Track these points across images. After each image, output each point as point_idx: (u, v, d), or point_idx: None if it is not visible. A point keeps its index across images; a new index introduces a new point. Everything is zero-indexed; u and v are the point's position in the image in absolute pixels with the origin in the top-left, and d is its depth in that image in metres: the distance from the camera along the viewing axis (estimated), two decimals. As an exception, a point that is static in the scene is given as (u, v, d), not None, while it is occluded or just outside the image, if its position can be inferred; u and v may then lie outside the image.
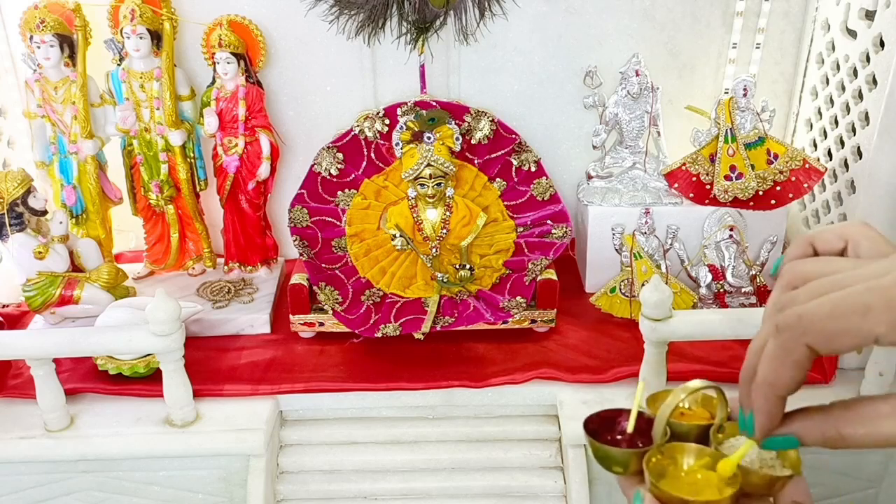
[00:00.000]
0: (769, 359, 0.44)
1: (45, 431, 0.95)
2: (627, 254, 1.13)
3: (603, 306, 1.14)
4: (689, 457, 0.52)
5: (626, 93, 1.14)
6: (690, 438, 0.54)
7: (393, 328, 1.05)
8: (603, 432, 0.56)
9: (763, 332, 0.46)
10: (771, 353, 0.44)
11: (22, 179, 1.03)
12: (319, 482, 0.98)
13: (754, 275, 1.14)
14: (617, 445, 0.54)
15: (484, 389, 1.01)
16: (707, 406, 0.57)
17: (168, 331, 0.89)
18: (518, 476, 0.97)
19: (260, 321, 1.12)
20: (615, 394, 0.99)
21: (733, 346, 1.03)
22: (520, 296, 1.07)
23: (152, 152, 1.16)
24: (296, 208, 1.12)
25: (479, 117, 1.10)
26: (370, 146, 1.12)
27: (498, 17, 1.13)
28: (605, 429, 0.56)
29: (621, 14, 1.16)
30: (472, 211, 1.09)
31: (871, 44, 0.96)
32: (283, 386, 1.01)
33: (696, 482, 0.50)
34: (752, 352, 0.46)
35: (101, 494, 0.97)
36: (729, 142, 1.11)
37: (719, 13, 1.15)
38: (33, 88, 1.11)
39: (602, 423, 0.56)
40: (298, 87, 1.20)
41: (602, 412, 0.57)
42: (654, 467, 0.51)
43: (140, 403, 0.99)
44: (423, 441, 1.01)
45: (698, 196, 1.14)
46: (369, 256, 1.11)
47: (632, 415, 0.55)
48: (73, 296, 1.08)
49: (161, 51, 1.12)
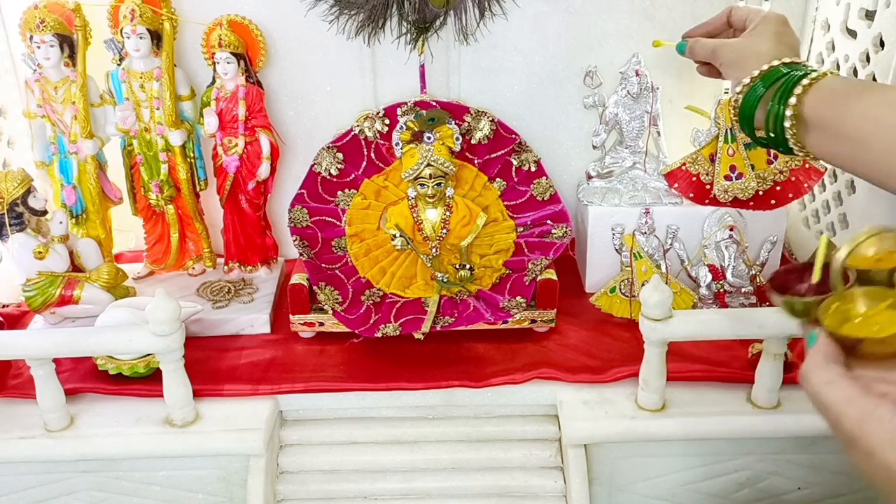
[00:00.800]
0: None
1: (45, 431, 0.95)
2: (627, 254, 1.13)
3: (603, 306, 1.14)
4: (874, 300, 0.52)
5: (626, 93, 1.14)
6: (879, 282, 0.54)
7: (393, 328, 1.05)
8: (792, 284, 0.57)
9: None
10: None
11: (22, 179, 1.03)
12: (319, 482, 0.98)
13: (754, 275, 1.14)
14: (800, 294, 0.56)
15: (484, 389, 1.01)
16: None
17: (168, 331, 0.89)
18: (518, 476, 0.98)
19: (260, 321, 1.12)
20: (615, 394, 0.99)
21: (733, 346, 1.03)
22: (520, 296, 1.07)
23: (152, 152, 1.16)
24: (296, 208, 1.12)
25: (479, 117, 1.10)
26: (370, 146, 1.12)
27: (498, 17, 1.13)
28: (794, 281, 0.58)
29: (621, 14, 1.16)
30: (472, 211, 1.09)
31: (871, 44, 0.96)
32: (283, 386, 1.01)
33: (877, 323, 0.51)
34: None
35: (101, 494, 0.97)
36: (729, 142, 1.11)
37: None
38: (33, 88, 1.11)
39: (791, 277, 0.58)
40: (298, 87, 1.20)
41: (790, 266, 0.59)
42: (835, 312, 0.51)
43: (140, 403, 0.99)
44: (423, 441, 1.01)
45: (698, 196, 1.14)
46: (369, 256, 1.11)
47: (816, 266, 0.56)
48: (73, 296, 1.08)
49: (161, 51, 1.12)
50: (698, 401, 0.97)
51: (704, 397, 0.98)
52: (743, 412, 0.95)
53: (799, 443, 0.96)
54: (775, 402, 0.95)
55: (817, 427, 0.94)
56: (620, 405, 0.97)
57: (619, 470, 0.97)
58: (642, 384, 0.95)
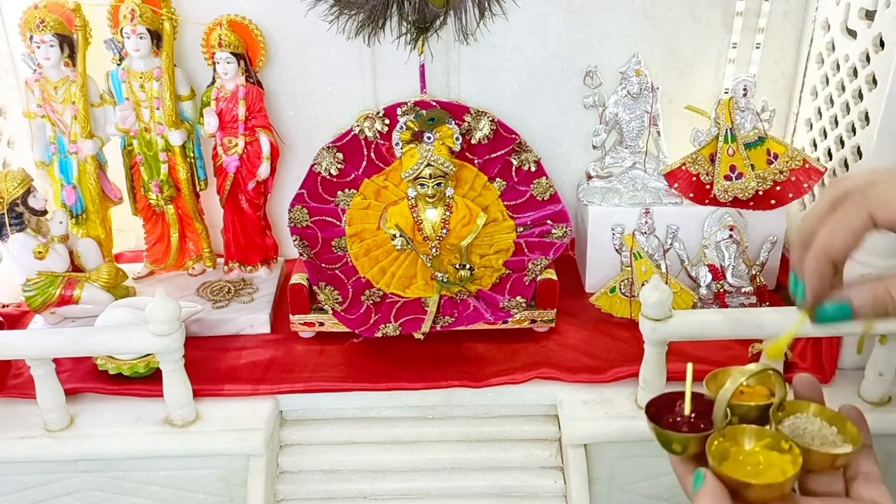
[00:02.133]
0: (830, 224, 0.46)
1: (45, 431, 0.95)
2: (627, 254, 1.13)
3: (603, 306, 1.14)
4: (751, 438, 0.52)
5: (626, 93, 1.14)
6: (751, 418, 0.54)
7: (393, 328, 1.05)
8: (664, 414, 0.56)
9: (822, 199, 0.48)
10: (832, 220, 0.46)
11: (22, 179, 1.03)
12: (319, 482, 0.98)
13: (754, 275, 1.14)
14: (676, 427, 0.54)
15: (484, 389, 1.01)
16: (766, 383, 0.57)
17: (168, 331, 0.89)
18: (518, 476, 0.98)
19: (260, 321, 1.12)
20: (615, 394, 0.99)
21: (733, 346, 1.03)
22: (520, 296, 1.07)
23: (152, 152, 1.16)
24: (296, 208, 1.12)
25: (479, 117, 1.10)
26: (370, 146, 1.12)
27: (498, 17, 1.13)
28: (665, 410, 0.56)
29: (621, 14, 1.16)
30: (472, 211, 1.09)
31: (871, 44, 0.96)
32: (283, 386, 1.01)
33: (758, 463, 0.50)
34: (808, 218, 0.48)
35: (101, 494, 0.97)
36: (729, 142, 1.11)
37: (719, 13, 1.15)
38: (33, 88, 1.11)
39: (662, 405, 0.57)
40: (298, 87, 1.20)
41: (662, 395, 0.58)
42: (717, 450, 0.51)
43: (140, 403, 0.99)
44: (423, 441, 1.01)
45: (698, 196, 1.14)
46: (369, 256, 1.11)
47: (686, 397, 0.55)
48: (73, 296, 1.08)
49: (161, 51, 1.12)
50: (698, 401, 0.97)
51: (704, 397, 0.98)
52: (743, 412, 0.95)
53: (799, 443, 0.96)
54: (775, 402, 0.95)
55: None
56: (620, 405, 0.97)
57: (619, 470, 0.97)
58: (642, 384, 0.95)
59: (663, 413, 0.56)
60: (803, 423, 0.54)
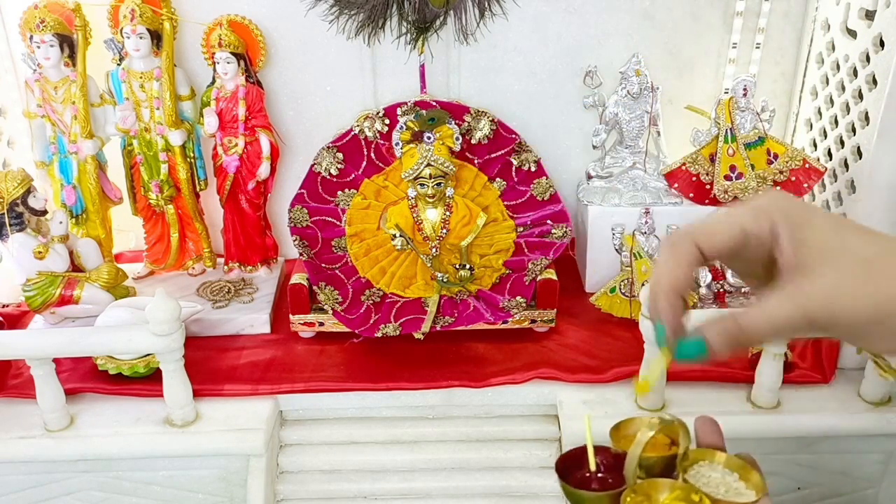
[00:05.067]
0: (668, 262, 0.49)
1: (45, 431, 0.95)
2: (627, 254, 1.13)
3: (603, 306, 1.14)
4: (663, 492, 0.52)
5: (626, 93, 1.14)
6: (657, 469, 0.54)
7: (393, 328, 1.05)
8: (573, 470, 0.55)
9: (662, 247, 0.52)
10: (670, 257, 0.49)
11: (22, 179, 1.03)
12: (319, 482, 0.98)
13: (754, 275, 1.14)
14: (588, 483, 0.54)
15: (484, 389, 1.01)
16: (668, 432, 0.56)
17: (168, 331, 0.89)
18: (518, 476, 0.97)
19: (260, 321, 1.12)
20: (615, 394, 0.99)
21: (733, 346, 1.03)
22: (520, 296, 1.07)
23: (152, 152, 1.16)
24: (296, 208, 1.12)
25: (479, 117, 1.10)
26: (370, 146, 1.12)
27: (498, 17, 1.13)
28: (575, 467, 0.55)
29: (621, 14, 1.16)
30: (472, 211, 1.09)
31: (871, 44, 0.96)
32: (283, 386, 1.01)
33: None
34: (655, 268, 0.51)
35: (101, 494, 0.97)
36: (729, 142, 1.11)
37: (719, 13, 1.15)
38: (33, 88, 1.11)
39: (572, 462, 0.56)
40: (298, 87, 1.20)
41: (571, 451, 0.56)
42: None
43: (140, 403, 0.99)
44: (423, 441, 1.01)
45: (698, 196, 1.14)
46: (369, 256, 1.11)
47: (589, 453, 0.55)
48: (73, 296, 1.08)
49: (161, 51, 1.12)
50: (698, 401, 0.97)
51: (704, 397, 0.98)
52: (743, 412, 0.95)
53: (799, 443, 0.96)
54: (775, 402, 0.95)
55: (817, 427, 0.94)
56: (620, 405, 0.97)
57: (618, 470, 0.97)
58: (642, 384, 0.95)
59: (573, 469, 0.55)
60: (707, 472, 0.54)
